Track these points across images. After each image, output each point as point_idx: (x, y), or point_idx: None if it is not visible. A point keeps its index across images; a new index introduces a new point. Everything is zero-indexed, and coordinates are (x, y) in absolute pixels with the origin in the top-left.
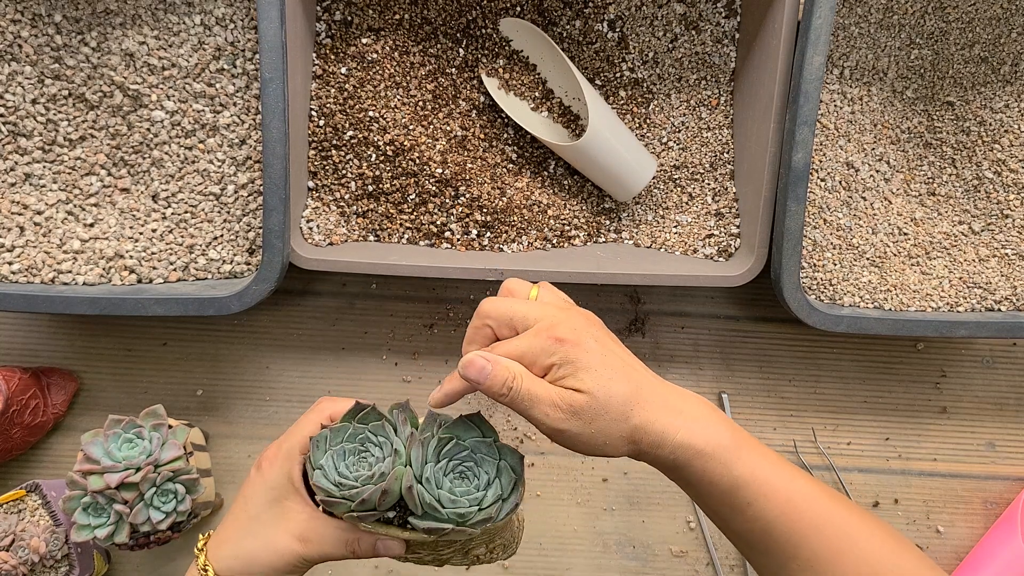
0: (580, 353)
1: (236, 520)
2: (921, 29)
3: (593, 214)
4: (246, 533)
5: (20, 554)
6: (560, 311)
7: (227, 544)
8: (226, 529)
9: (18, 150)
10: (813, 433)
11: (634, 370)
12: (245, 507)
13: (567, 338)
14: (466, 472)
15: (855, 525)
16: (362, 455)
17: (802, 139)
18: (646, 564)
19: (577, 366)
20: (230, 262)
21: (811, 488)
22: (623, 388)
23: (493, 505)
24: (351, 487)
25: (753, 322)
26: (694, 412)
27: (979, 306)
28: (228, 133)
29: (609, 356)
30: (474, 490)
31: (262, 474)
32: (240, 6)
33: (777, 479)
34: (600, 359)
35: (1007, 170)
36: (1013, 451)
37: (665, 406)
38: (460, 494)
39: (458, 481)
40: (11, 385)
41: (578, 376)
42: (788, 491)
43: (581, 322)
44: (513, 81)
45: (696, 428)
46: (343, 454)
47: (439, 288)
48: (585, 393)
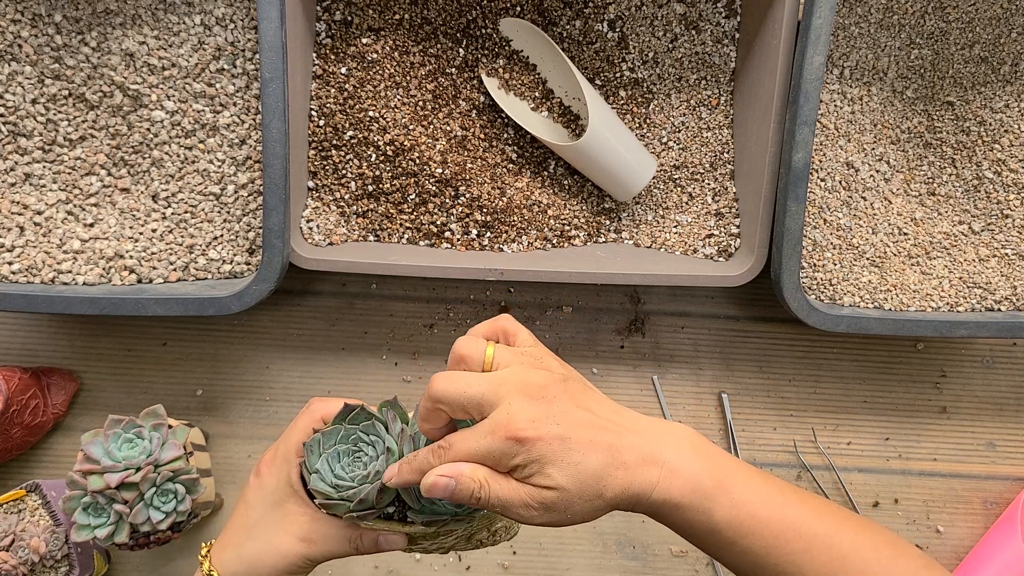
0: (543, 448)
1: (238, 526)
2: (921, 29)
3: (593, 214)
4: (249, 537)
5: (20, 554)
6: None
7: (230, 549)
8: (229, 535)
9: (18, 150)
10: (813, 433)
11: (606, 430)
12: (247, 512)
13: (527, 436)
14: None
15: (846, 541)
16: (356, 455)
17: (802, 139)
18: (646, 564)
19: (542, 463)
20: (230, 262)
21: (799, 511)
22: (595, 463)
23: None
24: (348, 488)
25: (753, 322)
26: (672, 457)
27: (979, 306)
28: (228, 133)
29: (575, 428)
30: None
31: (261, 479)
32: (240, 6)
33: (765, 511)
34: (563, 443)
35: (1007, 170)
36: (1013, 451)
37: (642, 462)
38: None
39: None
40: (11, 385)
41: (545, 472)
42: (774, 522)
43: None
44: (513, 81)
45: (673, 480)
46: (337, 456)
47: (439, 288)
48: (555, 489)
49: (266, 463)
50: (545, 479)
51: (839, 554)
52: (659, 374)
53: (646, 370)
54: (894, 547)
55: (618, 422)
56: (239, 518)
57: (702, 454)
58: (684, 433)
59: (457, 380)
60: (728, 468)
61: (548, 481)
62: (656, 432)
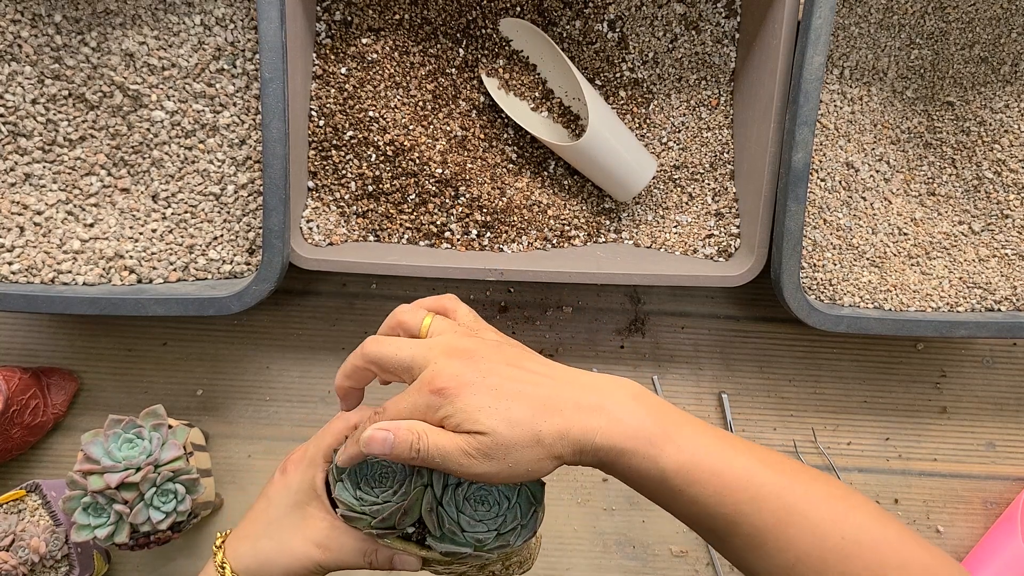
0: (467, 397)
1: (257, 520)
2: (921, 29)
3: (593, 214)
4: (265, 534)
5: (20, 554)
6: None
7: (246, 542)
8: (246, 528)
9: (18, 150)
10: (813, 433)
11: (537, 384)
12: (267, 509)
13: (447, 386)
14: (486, 497)
15: (798, 492)
16: (384, 473)
17: (802, 139)
18: (646, 564)
19: (468, 411)
20: (230, 262)
21: (750, 462)
22: (523, 411)
23: (511, 532)
24: (372, 503)
25: (753, 322)
26: (614, 407)
27: (979, 306)
28: (228, 133)
29: (503, 381)
30: (493, 516)
31: (286, 478)
32: (240, 6)
33: (711, 460)
34: (490, 391)
35: (1007, 170)
36: (1013, 451)
37: (578, 409)
38: (480, 519)
39: (478, 506)
40: (11, 385)
41: (473, 419)
42: (723, 470)
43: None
44: (513, 81)
45: (615, 426)
46: (366, 467)
47: (439, 288)
48: (486, 434)
49: (293, 462)
50: (473, 424)
51: (787, 504)
52: (659, 374)
53: (646, 370)
54: (847, 500)
55: (555, 376)
56: (259, 512)
57: (646, 403)
58: (627, 384)
59: (390, 343)
60: (674, 417)
61: (477, 427)
62: (596, 384)
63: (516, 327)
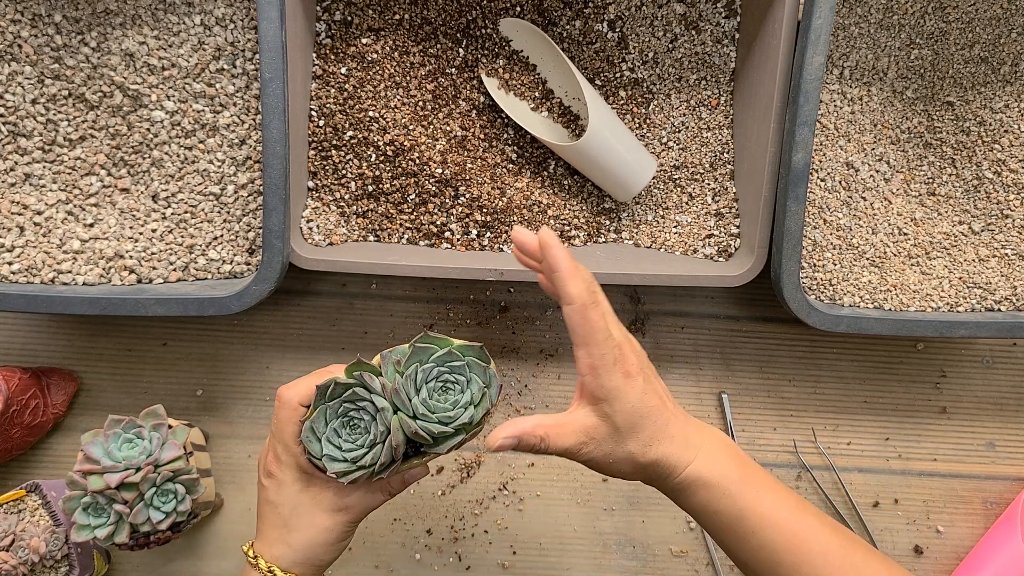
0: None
1: (273, 524)
2: (921, 29)
3: (593, 214)
4: (289, 529)
5: (20, 554)
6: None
7: (278, 545)
8: (269, 533)
9: (18, 150)
10: (813, 433)
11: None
12: (276, 511)
13: (630, 367)
14: (445, 387)
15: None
16: (352, 424)
17: (802, 139)
18: (646, 564)
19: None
20: (230, 262)
21: (816, 521)
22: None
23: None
24: (362, 453)
25: (753, 322)
26: (709, 447)
27: (979, 306)
28: (228, 133)
29: (657, 390)
30: (459, 395)
31: (276, 479)
32: (240, 6)
33: (781, 513)
34: (644, 393)
35: (1007, 170)
36: (1013, 451)
37: (685, 442)
38: (452, 404)
39: (444, 397)
40: (11, 385)
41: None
42: (792, 524)
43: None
44: (513, 81)
45: (706, 462)
46: (336, 433)
47: (439, 288)
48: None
49: (273, 463)
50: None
51: (852, 564)
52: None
53: None
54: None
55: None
56: (271, 517)
57: (734, 453)
58: (726, 438)
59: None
60: (756, 469)
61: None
62: (702, 427)
63: (516, 327)
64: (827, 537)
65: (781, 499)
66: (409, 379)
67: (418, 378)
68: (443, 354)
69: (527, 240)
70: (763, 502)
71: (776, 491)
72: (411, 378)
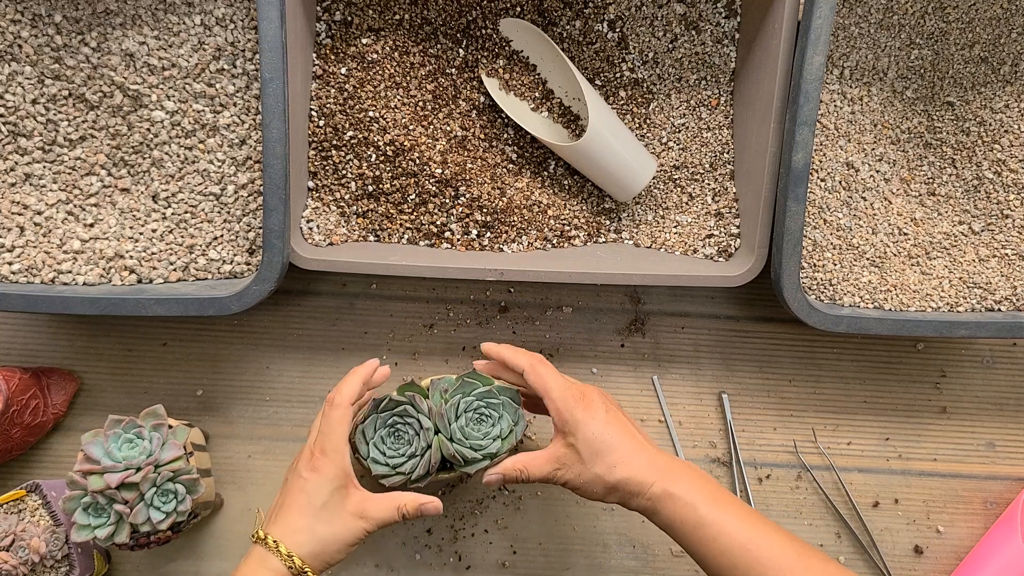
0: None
1: (304, 513)
2: (921, 29)
3: (593, 214)
4: (319, 520)
5: (20, 554)
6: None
7: (303, 533)
8: (296, 521)
9: (18, 150)
10: (813, 433)
11: (632, 436)
12: (311, 501)
13: (589, 400)
14: (482, 419)
15: (812, 562)
16: (397, 435)
17: (802, 139)
18: (646, 564)
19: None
20: (230, 262)
21: (772, 531)
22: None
23: (510, 435)
24: (402, 461)
25: (753, 322)
26: (675, 470)
27: (979, 306)
28: (228, 133)
29: (617, 423)
30: (491, 427)
31: (319, 472)
32: (240, 6)
33: (739, 523)
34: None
35: (1007, 170)
36: (1013, 451)
37: (650, 466)
38: (484, 435)
39: (479, 427)
40: (11, 385)
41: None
42: (748, 532)
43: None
44: (513, 81)
45: (671, 479)
46: (383, 440)
47: (439, 288)
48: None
49: (319, 458)
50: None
51: (807, 567)
52: (659, 374)
53: (646, 370)
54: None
55: (649, 441)
56: (302, 507)
57: (698, 475)
58: (689, 464)
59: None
60: (719, 489)
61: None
62: (670, 457)
63: (516, 327)
64: (780, 544)
65: (740, 513)
66: (452, 407)
67: (459, 407)
68: (484, 391)
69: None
70: (723, 512)
71: (736, 506)
72: (454, 406)
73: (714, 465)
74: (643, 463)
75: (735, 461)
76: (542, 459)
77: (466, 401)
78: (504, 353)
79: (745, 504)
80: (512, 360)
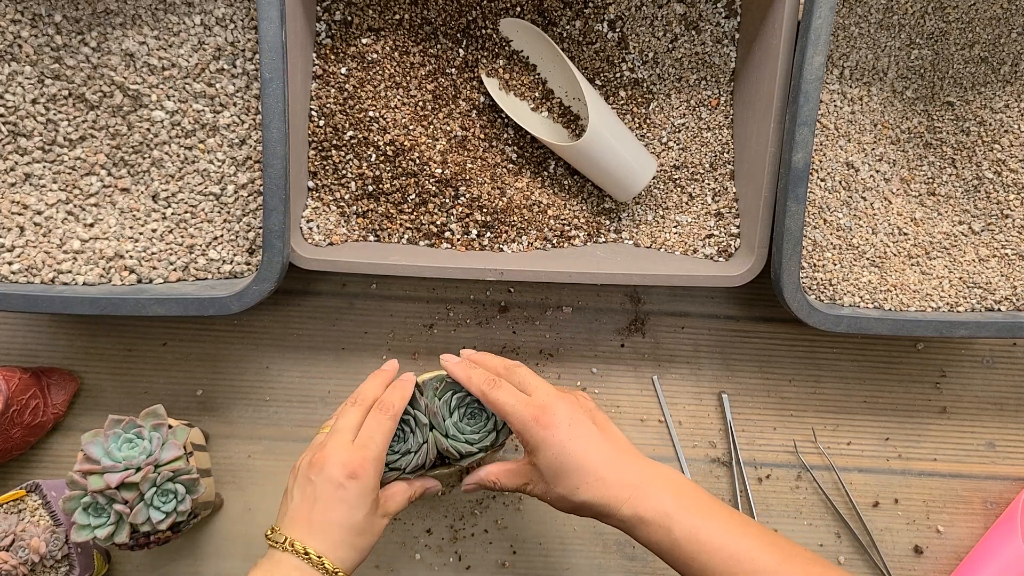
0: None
1: (343, 525)
2: (921, 29)
3: (593, 214)
4: (361, 534)
5: (20, 554)
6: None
7: (343, 547)
8: (333, 533)
9: (18, 150)
10: (813, 433)
11: (597, 448)
12: (352, 512)
13: (544, 418)
14: (475, 413)
15: (794, 568)
16: (400, 435)
17: (802, 139)
18: (646, 564)
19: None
20: (230, 262)
21: (753, 541)
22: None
23: (503, 429)
24: (396, 460)
25: (753, 322)
26: (647, 486)
27: (979, 306)
28: (228, 133)
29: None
30: (483, 425)
31: (361, 480)
32: (240, 6)
33: (717, 537)
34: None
35: (1007, 170)
36: (1013, 451)
37: (620, 484)
38: (477, 431)
39: (472, 423)
40: (11, 385)
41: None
42: (728, 547)
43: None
44: (513, 81)
45: (641, 501)
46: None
47: (439, 288)
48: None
49: (362, 465)
50: (536, 456)
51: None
52: (659, 374)
53: (646, 370)
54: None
55: (612, 449)
56: (345, 520)
57: (673, 486)
58: (671, 474)
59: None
60: (695, 499)
61: (537, 459)
62: (645, 467)
63: (516, 327)
64: (763, 555)
65: (718, 524)
66: (444, 404)
67: (452, 403)
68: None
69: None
70: (699, 529)
71: (714, 517)
72: (447, 403)
73: (714, 465)
74: (610, 482)
75: (735, 461)
76: (514, 474)
77: (458, 397)
78: (459, 375)
79: (726, 509)
80: (466, 384)
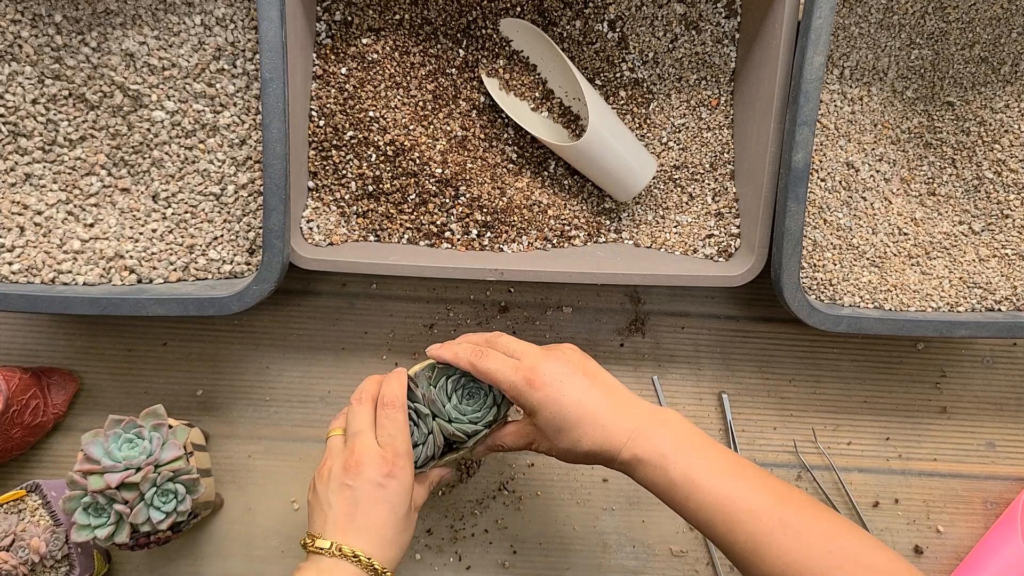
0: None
1: (388, 524)
2: (921, 29)
3: (593, 214)
4: (402, 532)
5: (20, 554)
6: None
7: (390, 547)
8: (379, 533)
9: (18, 150)
10: (813, 433)
11: (595, 398)
12: (394, 511)
13: (535, 379)
14: (473, 392)
15: (792, 512)
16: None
17: (802, 139)
18: (646, 564)
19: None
20: (230, 262)
21: (751, 483)
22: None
23: (504, 403)
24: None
25: (753, 322)
26: (644, 427)
27: (979, 306)
28: (228, 133)
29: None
30: (482, 403)
31: (398, 478)
32: (240, 6)
33: (712, 478)
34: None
35: (1007, 170)
36: (1013, 451)
37: (618, 428)
38: (477, 409)
39: (471, 403)
40: (11, 385)
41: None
42: (722, 487)
43: (556, 359)
44: (513, 81)
45: (640, 443)
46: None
47: (439, 288)
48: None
49: (397, 463)
50: (534, 415)
51: (781, 517)
52: (659, 374)
53: (646, 370)
54: (839, 524)
55: (612, 395)
56: (386, 518)
57: (672, 428)
58: (670, 416)
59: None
60: (692, 439)
61: (537, 418)
62: (643, 410)
63: (516, 327)
64: (757, 495)
65: (714, 465)
66: (441, 390)
67: (448, 387)
68: (462, 373)
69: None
70: (695, 469)
71: (710, 458)
72: (443, 389)
73: None
74: (609, 429)
75: None
76: (520, 434)
77: (453, 380)
78: (445, 356)
79: (723, 451)
80: (454, 362)
